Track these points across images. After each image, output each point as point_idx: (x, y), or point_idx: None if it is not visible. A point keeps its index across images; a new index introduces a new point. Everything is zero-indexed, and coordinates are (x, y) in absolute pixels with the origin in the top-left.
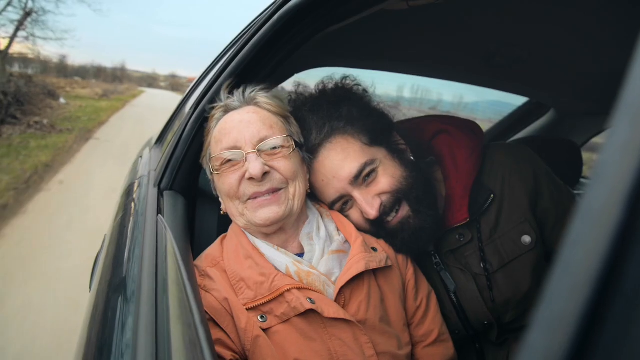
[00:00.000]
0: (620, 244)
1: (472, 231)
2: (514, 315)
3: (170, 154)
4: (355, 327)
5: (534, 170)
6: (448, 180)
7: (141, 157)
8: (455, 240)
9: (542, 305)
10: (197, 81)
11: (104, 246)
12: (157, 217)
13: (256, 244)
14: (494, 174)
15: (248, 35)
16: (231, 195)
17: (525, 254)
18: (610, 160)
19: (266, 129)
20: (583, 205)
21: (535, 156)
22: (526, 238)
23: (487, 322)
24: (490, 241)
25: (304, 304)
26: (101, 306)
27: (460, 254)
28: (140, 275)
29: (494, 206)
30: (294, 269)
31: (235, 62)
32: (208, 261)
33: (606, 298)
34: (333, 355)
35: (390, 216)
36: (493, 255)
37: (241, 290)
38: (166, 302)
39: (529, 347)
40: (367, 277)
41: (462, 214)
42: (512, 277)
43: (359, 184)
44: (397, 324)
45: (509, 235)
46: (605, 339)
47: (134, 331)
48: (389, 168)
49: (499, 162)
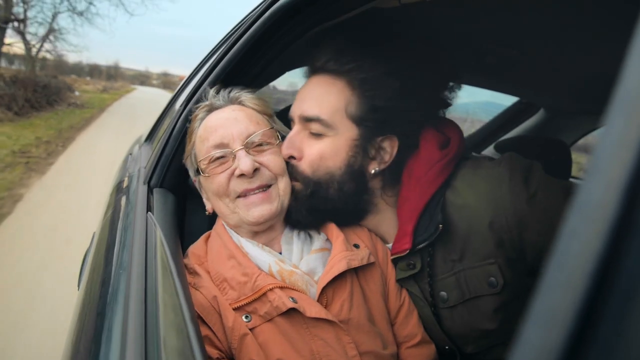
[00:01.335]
0: (617, 238)
1: (423, 260)
2: (476, 349)
3: (160, 151)
4: (337, 327)
5: (514, 200)
6: (399, 197)
7: (131, 154)
8: (406, 268)
9: (537, 300)
10: (188, 78)
11: (92, 243)
12: (146, 214)
13: (240, 242)
14: (457, 198)
15: (239, 33)
16: (220, 194)
17: (489, 295)
18: (606, 154)
19: (253, 124)
20: (579, 199)
21: (517, 168)
22: (492, 280)
23: (447, 347)
24: (453, 272)
25: (286, 303)
26: (90, 304)
27: (421, 279)
28: (129, 273)
29: (456, 235)
30: (276, 268)
31: (226, 60)
32: (194, 259)
33: (602, 293)
34: (315, 356)
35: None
36: (453, 289)
37: (225, 291)
38: (155, 300)
39: (524, 342)
40: (350, 275)
41: (404, 242)
42: (471, 314)
43: (306, 129)
44: (380, 323)
45: (474, 272)
46: (601, 334)
47: (123, 329)
48: (339, 147)
49: (467, 184)
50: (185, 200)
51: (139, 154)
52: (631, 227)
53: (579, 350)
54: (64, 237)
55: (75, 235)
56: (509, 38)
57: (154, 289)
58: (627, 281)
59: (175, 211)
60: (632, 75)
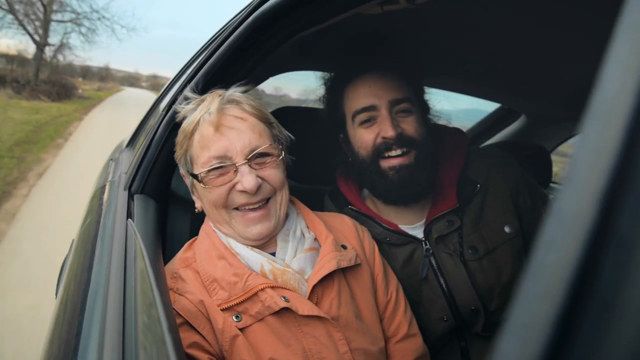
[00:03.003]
0: (594, 247)
1: (460, 218)
2: (498, 304)
3: (142, 157)
4: (328, 324)
5: (515, 172)
6: (438, 172)
7: (112, 160)
8: (445, 226)
9: (514, 310)
10: (170, 83)
11: (71, 251)
12: (126, 221)
13: (230, 243)
14: (480, 170)
15: (223, 37)
16: (218, 205)
17: (507, 242)
18: (582, 163)
19: (256, 137)
20: (556, 208)
21: (516, 162)
22: (508, 228)
23: (474, 307)
24: (477, 229)
25: (278, 302)
26: (67, 313)
27: (449, 240)
28: (107, 281)
29: (479, 197)
30: (268, 267)
31: (209, 64)
32: (180, 263)
33: (579, 303)
34: (307, 354)
35: (394, 152)
36: (479, 242)
37: (215, 291)
38: (134, 309)
39: (501, 353)
40: (337, 275)
41: (451, 200)
42: (495, 264)
43: (393, 110)
44: (369, 320)
45: (493, 225)
46: (579, 344)
47: (100, 339)
48: (418, 118)
49: (485, 161)
50: (167, 206)
51: (120, 160)
52: (608, 236)
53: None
54: (103, 140)
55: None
56: (490, 46)
57: (132, 297)
58: (604, 291)
59: (156, 218)
60: (608, 83)
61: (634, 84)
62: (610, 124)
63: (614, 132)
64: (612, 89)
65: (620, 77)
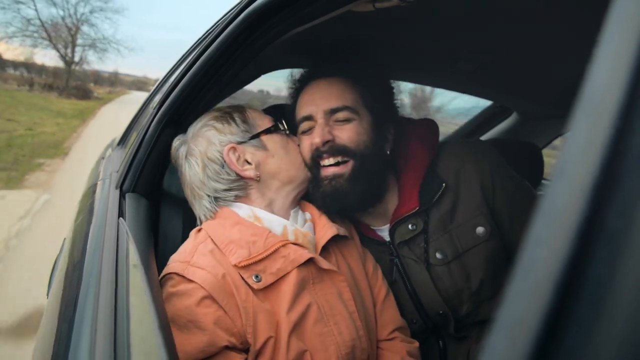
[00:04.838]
0: (583, 245)
1: (425, 221)
2: (470, 308)
3: (133, 155)
4: (339, 283)
5: (489, 164)
6: (401, 171)
7: (103, 158)
8: (408, 230)
9: (503, 308)
10: (161, 82)
11: (63, 250)
12: (117, 220)
13: (254, 212)
14: (448, 166)
15: (213, 35)
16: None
17: (479, 245)
18: (571, 159)
19: None
20: (544, 205)
21: (492, 150)
22: (480, 229)
23: (441, 311)
24: (446, 232)
25: (303, 254)
26: (58, 313)
27: (415, 244)
28: (99, 280)
29: (448, 197)
30: (292, 228)
31: (200, 62)
32: (193, 245)
33: (568, 300)
34: (321, 311)
35: (327, 161)
36: (448, 245)
37: (232, 252)
38: (126, 307)
39: (489, 351)
40: (332, 248)
41: (412, 202)
42: (465, 268)
43: (330, 119)
44: (363, 287)
45: (464, 227)
46: (568, 342)
47: (92, 337)
48: (361, 127)
49: (454, 155)
50: (159, 205)
51: (112, 158)
52: (597, 232)
53: (545, 359)
54: (112, 119)
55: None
56: (483, 44)
57: (124, 297)
58: (593, 288)
59: (147, 216)
60: (597, 79)
61: (623, 80)
62: (599, 119)
63: (602, 128)
64: (601, 85)
65: (609, 72)
